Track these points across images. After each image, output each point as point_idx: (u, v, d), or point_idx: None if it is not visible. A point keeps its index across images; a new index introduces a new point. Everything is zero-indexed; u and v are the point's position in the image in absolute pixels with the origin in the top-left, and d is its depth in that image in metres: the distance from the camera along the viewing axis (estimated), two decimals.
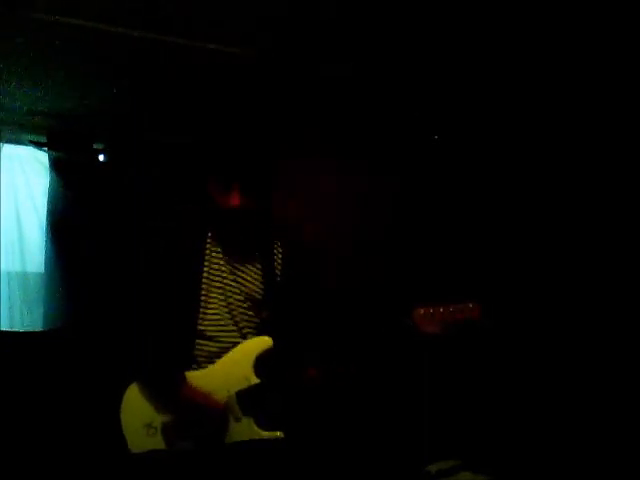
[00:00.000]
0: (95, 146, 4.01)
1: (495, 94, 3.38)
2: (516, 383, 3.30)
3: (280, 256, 2.32)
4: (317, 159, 3.92)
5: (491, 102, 3.45)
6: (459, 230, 3.69)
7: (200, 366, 2.20)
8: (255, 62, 3.12)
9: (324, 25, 2.83)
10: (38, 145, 3.96)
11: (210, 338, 2.21)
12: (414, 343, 2.18)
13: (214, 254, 2.25)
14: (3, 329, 3.81)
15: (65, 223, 3.91)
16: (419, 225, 3.84)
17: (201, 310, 2.21)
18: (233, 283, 2.24)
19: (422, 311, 2.14)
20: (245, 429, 2.15)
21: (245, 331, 2.24)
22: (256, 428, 2.15)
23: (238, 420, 2.15)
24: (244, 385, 2.16)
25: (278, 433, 2.16)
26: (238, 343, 2.22)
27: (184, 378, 2.15)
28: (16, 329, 3.88)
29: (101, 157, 4.04)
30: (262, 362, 2.19)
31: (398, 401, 3.59)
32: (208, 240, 2.25)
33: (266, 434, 2.16)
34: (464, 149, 3.74)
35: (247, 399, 2.16)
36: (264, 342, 2.21)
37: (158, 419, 2.15)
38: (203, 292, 2.21)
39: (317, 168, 3.93)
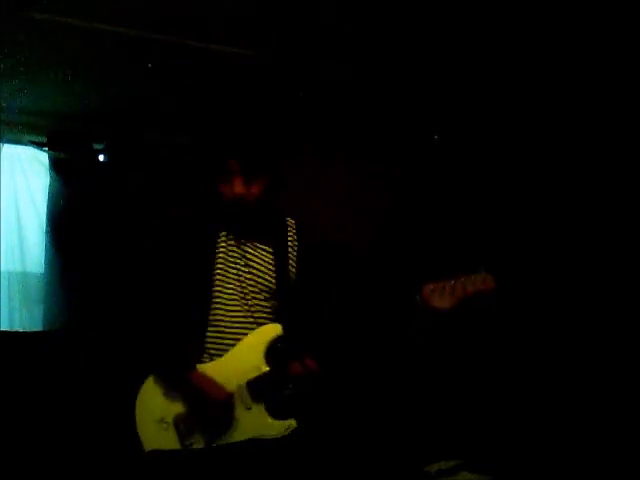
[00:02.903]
0: (95, 146, 4.01)
1: (495, 93, 3.39)
2: (516, 383, 3.30)
3: (292, 244, 2.32)
4: (321, 148, 3.91)
5: (491, 101, 3.46)
6: (462, 211, 3.71)
7: (212, 358, 2.20)
8: (255, 62, 3.12)
9: (324, 26, 2.84)
10: (38, 145, 3.95)
11: (226, 329, 2.20)
12: (425, 324, 2.07)
13: (230, 247, 2.25)
14: (3, 329, 3.81)
15: (65, 223, 3.91)
16: (423, 208, 3.86)
17: (218, 301, 2.21)
18: (248, 275, 2.24)
19: (432, 286, 2.02)
20: (256, 418, 2.14)
21: (261, 321, 2.24)
22: (267, 417, 2.14)
23: (249, 409, 2.14)
24: (255, 374, 2.15)
25: (290, 422, 2.14)
26: None
27: (195, 370, 2.15)
28: (16, 329, 3.88)
29: (101, 157, 4.04)
30: (273, 350, 2.18)
31: (398, 400, 3.59)
32: (222, 233, 2.26)
33: (278, 423, 2.14)
34: (467, 144, 3.75)
35: (258, 388, 2.15)
36: (274, 329, 2.20)
37: (171, 413, 2.15)
38: (219, 283, 2.21)
39: (321, 157, 3.93)
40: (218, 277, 2.21)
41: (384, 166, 3.93)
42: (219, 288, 2.21)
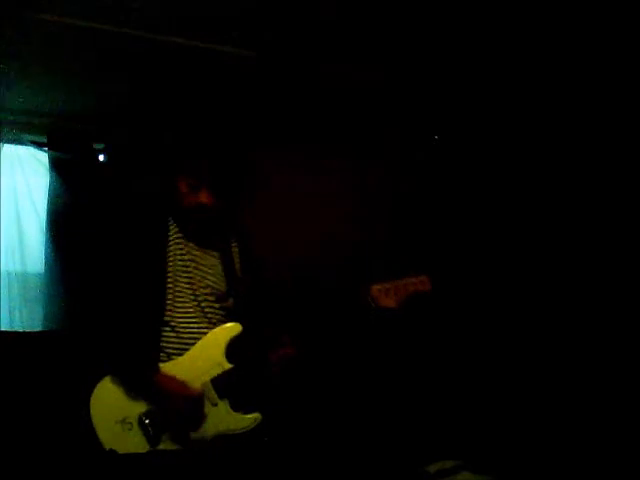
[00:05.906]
0: (95, 146, 4.01)
1: (495, 93, 3.39)
2: (516, 383, 3.30)
3: (236, 249, 2.39)
4: (320, 148, 3.90)
5: (491, 101, 3.46)
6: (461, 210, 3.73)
7: (170, 358, 2.22)
8: (254, 62, 3.13)
9: (324, 26, 2.84)
10: (38, 145, 3.95)
11: (181, 329, 2.24)
12: (375, 321, 2.28)
13: (178, 250, 2.29)
14: (3, 329, 3.81)
15: (65, 223, 3.90)
16: (423, 208, 3.87)
17: (171, 302, 2.24)
18: (198, 276, 2.29)
19: (379, 287, 2.28)
20: (222, 413, 2.18)
21: (214, 321, 2.29)
22: (233, 412, 2.19)
23: (215, 405, 2.18)
24: (218, 371, 2.20)
25: (256, 415, 2.20)
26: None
27: (157, 368, 2.17)
28: (16, 329, 3.87)
29: (101, 157, 4.04)
30: (234, 347, 2.23)
31: (398, 400, 3.59)
32: (171, 234, 2.30)
33: (244, 417, 2.20)
34: (467, 144, 3.76)
35: (222, 384, 2.19)
36: (234, 328, 2.25)
37: (133, 413, 2.15)
38: (170, 284, 2.25)
39: (320, 157, 3.91)
40: (170, 279, 2.25)
41: (384, 166, 3.93)
42: (171, 290, 2.25)
